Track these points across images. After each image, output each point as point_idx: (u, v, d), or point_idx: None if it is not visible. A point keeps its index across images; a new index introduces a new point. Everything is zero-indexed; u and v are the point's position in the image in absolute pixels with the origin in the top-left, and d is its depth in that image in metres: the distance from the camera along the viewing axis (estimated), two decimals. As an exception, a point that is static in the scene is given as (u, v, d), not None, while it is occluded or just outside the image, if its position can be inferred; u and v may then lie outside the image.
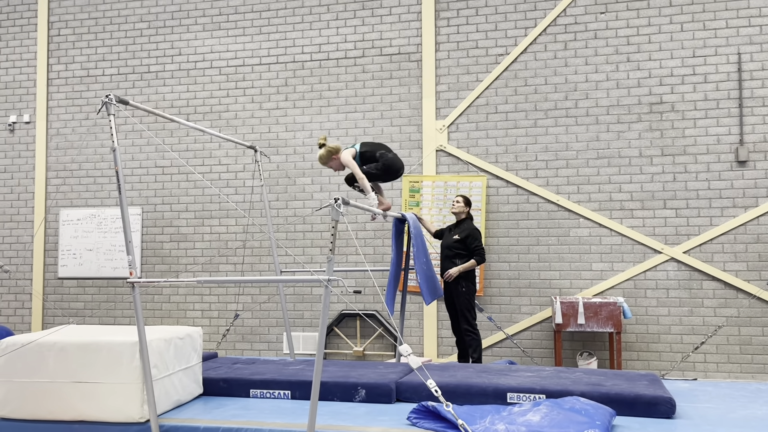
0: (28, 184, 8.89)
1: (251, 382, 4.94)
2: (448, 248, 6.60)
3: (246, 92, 8.34)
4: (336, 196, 3.92)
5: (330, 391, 4.74)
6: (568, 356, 7.25)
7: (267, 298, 8.10)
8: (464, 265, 6.47)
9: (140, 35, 8.68)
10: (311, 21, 8.20)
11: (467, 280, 6.55)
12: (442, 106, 7.79)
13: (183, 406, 4.64)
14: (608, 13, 7.46)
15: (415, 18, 7.92)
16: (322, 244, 8.00)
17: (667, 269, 7.16)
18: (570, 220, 7.41)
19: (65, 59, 8.88)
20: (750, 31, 7.11)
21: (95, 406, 4.22)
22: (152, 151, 8.54)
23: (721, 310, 7.01)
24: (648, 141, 7.29)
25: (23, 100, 8.98)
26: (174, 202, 8.46)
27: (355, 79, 8.05)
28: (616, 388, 4.53)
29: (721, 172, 7.11)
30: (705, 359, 7.01)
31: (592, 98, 7.44)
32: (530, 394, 4.51)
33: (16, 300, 8.85)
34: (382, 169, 5.49)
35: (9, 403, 4.35)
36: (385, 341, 7.77)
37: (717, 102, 7.16)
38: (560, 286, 7.38)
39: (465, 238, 6.52)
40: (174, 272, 8.33)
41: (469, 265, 6.47)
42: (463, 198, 6.78)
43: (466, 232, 6.56)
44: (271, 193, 8.11)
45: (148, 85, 8.61)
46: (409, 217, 5.87)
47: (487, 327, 7.27)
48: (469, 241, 6.51)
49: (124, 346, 4.21)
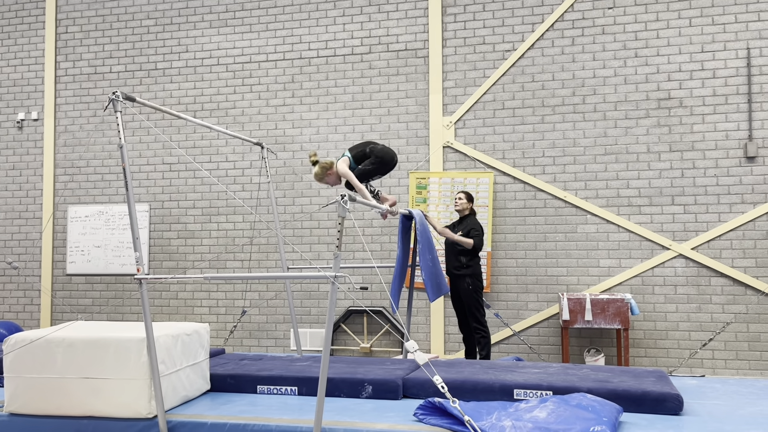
0: (37, 181, 8.93)
1: (258, 379, 4.95)
2: (452, 244, 6.59)
3: (253, 89, 8.35)
4: (343, 193, 3.92)
5: (337, 388, 4.74)
6: (576, 353, 7.23)
7: (274, 294, 8.11)
8: (458, 237, 6.46)
9: (147, 32, 8.70)
10: (318, 17, 8.20)
11: (473, 277, 6.53)
12: (449, 103, 7.77)
13: (190, 402, 4.65)
14: (616, 9, 7.41)
15: (421, 14, 7.90)
16: (329, 241, 8.01)
17: (675, 266, 7.13)
18: (577, 216, 7.39)
19: (73, 56, 8.91)
20: (759, 26, 7.06)
21: (103, 401, 4.24)
22: (159, 147, 8.57)
23: (730, 306, 6.98)
24: (656, 137, 7.25)
25: (31, 97, 9.02)
26: (181, 199, 8.49)
27: (361, 75, 8.04)
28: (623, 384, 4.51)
29: (730, 168, 7.07)
30: (713, 356, 6.98)
31: (600, 94, 7.41)
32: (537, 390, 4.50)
33: (25, 296, 8.90)
34: (377, 161, 5.43)
35: (18, 399, 4.37)
36: (392, 338, 7.78)
37: (725, 97, 7.11)
38: (567, 282, 7.36)
39: (467, 233, 6.53)
40: (181, 269, 8.36)
41: (462, 240, 6.44)
42: (465, 194, 6.78)
43: (468, 227, 6.58)
44: (278, 189, 8.12)
45: (155, 82, 8.63)
46: (415, 214, 5.86)
47: (494, 323, 7.26)
48: (469, 233, 6.53)
49: (132, 342, 4.22)
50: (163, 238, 8.49)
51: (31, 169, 8.96)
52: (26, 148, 8.99)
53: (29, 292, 8.88)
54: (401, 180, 7.83)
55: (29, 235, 8.91)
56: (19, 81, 9.06)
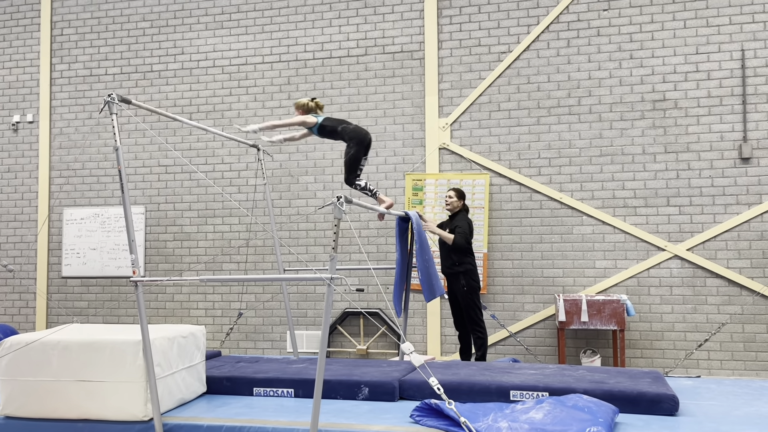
0: (32, 183, 8.91)
1: (255, 381, 4.95)
2: (443, 243, 6.46)
3: (249, 90, 8.35)
4: (339, 194, 3.92)
5: (333, 390, 4.74)
6: (572, 354, 7.24)
7: (270, 296, 8.10)
8: (440, 231, 6.37)
9: (143, 34, 8.69)
10: (314, 19, 8.20)
11: (468, 277, 6.36)
12: (445, 104, 7.78)
13: (186, 404, 4.65)
14: (611, 10, 7.44)
15: (417, 16, 7.91)
16: (325, 243, 8.00)
17: (671, 266, 7.15)
18: (573, 217, 7.40)
19: (68, 59, 8.89)
20: (754, 27, 7.09)
21: (99, 404, 4.23)
22: (155, 149, 8.55)
23: (725, 307, 7.00)
24: (651, 138, 7.27)
25: (26, 99, 9.00)
26: (177, 201, 8.47)
27: (357, 77, 8.05)
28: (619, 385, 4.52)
29: (725, 169, 7.09)
30: (709, 357, 7.00)
31: (595, 95, 7.43)
32: (533, 391, 4.51)
33: (20, 299, 8.87)
34: (356, 143, 5.38)
35: (13, 402, 4.36)
36: (388, 339, 7.77)
37: (720, 99, 7.14)
38: (564, 283, 7.37)
39: (454, 229, 6.38)
40: (177, 271, 8.35)
41: (444, 234, 6.33)
42: (455, 192, 6.59)
43: (456, 224, 6.42)
44: (274, 191, 8.11)
45: (150, 84, 8.62)
46: (412, 215, 5.87)
47: (491, 325, 7.26)
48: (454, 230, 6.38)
49: (128, 345, 4.21)
50: (158, 241, 8.48)
51: (27, 171, 8.94)
52: (21, 150, 8.97)
53: (24, 294, 8.85)
54: (397, 182, 7.84)
55: (24, 238, 8.89)
56: (14, 83, 9.04)
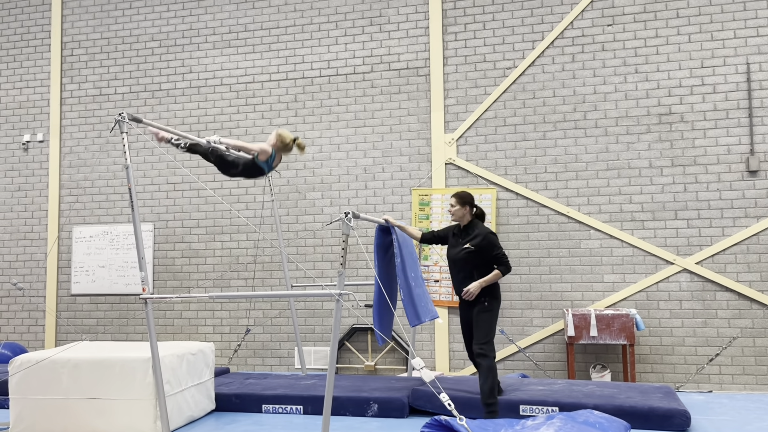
0: (42, 201, 8.97)
1: (263, 398, 4.94)
2: (461, 261, 5.24)
3: (256, 108, 8.41)
4: (346, 210, 3.94)
5: (342, 406, 4.73)
6: (581, 369, 7.20)
7: (278, 312, 8.11)
8: (486, 279, 5.13)
9: (151, 54, 8.78)
10: (320, 37, 8.28)
11: (491, 295, 5.21)
12: (451, 120, 7.81)
13: (196, 421, 4.64)
14: (615, 26, 7.47)
15: (422, 33, 7.97)
16: (333, 259, 8.01)
17: (680, 280, 7.11)
18: (581, 231, 7.39)
19: (78, 78, 8.99)
20: (759, 41, 7.11)
21: (109, 422, 4.24)
22: (164, 167, 8.61)
23: (735, 321, 6.95)
24: (658, 151, 7.27)
25: (37, 119, 9.09)
26: (185, 218, 8.51)
27: (363, 94, 8.10)
28: (630, 401, 4.50)
29: (733, 182, 7.08)
30: (720, 371, 6.94)
31: (601, 110, 7.45)
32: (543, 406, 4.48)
33: (30, 317, 8.91)
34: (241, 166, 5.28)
35: (23, 420, 4.37)
36: (396, 355, 7.75)
37: (726, 112, 7.14)
38: (572, 298, 7.35)
39: (481, 247, 5.17)
40: (186, 288, 8.37)
41: (492, 278, 5.14)
42: (457, 198, 5.35)
43: (480, 238, 5.19)
44: (282, 208, 8.14)
45: (159, 102, 8.70)
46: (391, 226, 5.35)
47: (500, 340, 7.23)
48: (487, 250, 5.17)
49: (137, 363, 4.23)
50: (167, 258, 8.51)
51: (37, 190, 9.01)
52: (32, 169, 9.05)
53: (34, 312, 8.88)
54: (404, 197, 7.86)
55: (34, 256, 8.94)
56: (24, 103, 9.15)
